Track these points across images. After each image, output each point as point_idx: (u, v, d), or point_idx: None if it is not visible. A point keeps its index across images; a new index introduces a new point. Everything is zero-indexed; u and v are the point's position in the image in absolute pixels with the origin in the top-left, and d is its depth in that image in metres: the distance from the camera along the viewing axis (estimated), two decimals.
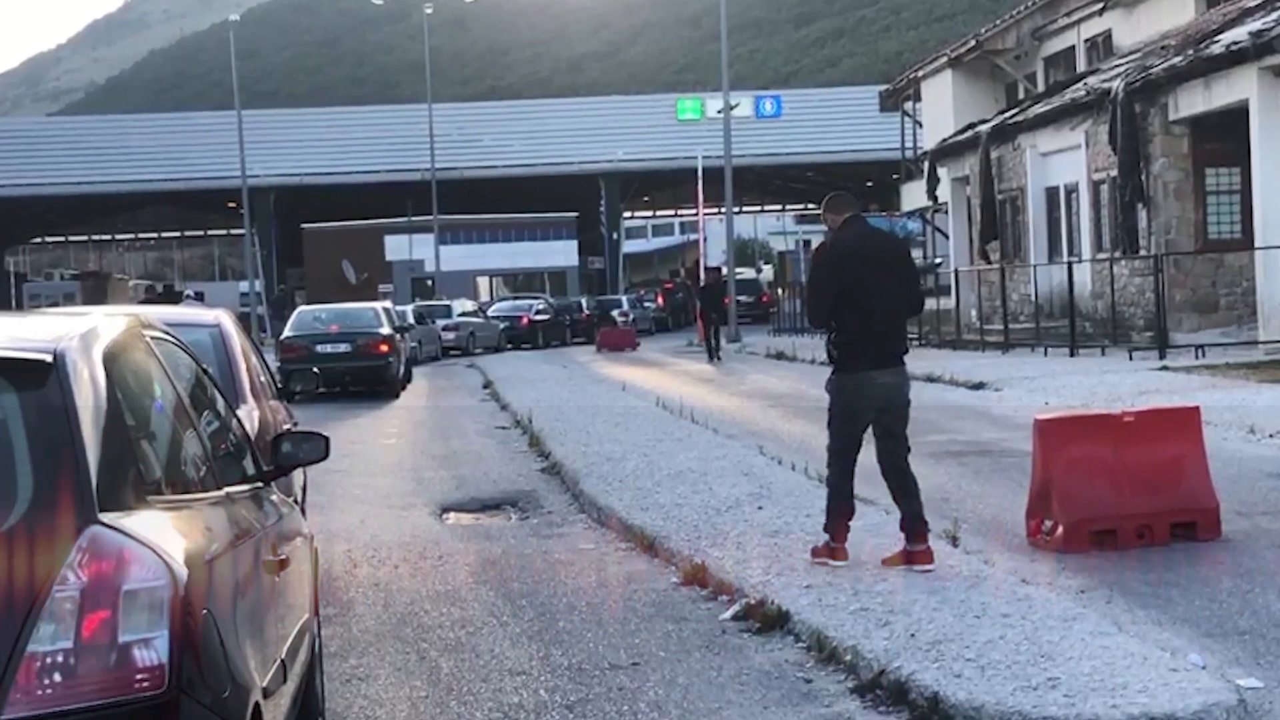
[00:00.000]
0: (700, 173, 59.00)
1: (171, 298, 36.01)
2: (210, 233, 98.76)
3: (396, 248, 73.95)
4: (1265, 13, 25.81)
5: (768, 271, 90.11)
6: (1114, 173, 28.55)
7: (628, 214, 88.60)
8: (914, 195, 46.49)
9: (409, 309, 42.82)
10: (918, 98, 47.25)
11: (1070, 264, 28.63)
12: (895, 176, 54.61)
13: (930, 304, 27.50)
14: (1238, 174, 27.23)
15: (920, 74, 45.93)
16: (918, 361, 16.06)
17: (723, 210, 50.24)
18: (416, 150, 68.80)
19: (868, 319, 8.84)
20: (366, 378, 27.69)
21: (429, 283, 67.02)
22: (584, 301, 60.29)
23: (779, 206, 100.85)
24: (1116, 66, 31.57)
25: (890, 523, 9.46)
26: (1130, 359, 24.48)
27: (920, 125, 47.33)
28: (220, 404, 5.41)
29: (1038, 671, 6.41)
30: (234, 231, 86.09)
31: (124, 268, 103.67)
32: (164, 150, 73.60)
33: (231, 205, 72.93)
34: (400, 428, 21.64)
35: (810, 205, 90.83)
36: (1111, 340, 26.67)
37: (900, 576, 8.50)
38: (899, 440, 8.98)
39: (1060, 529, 9.54)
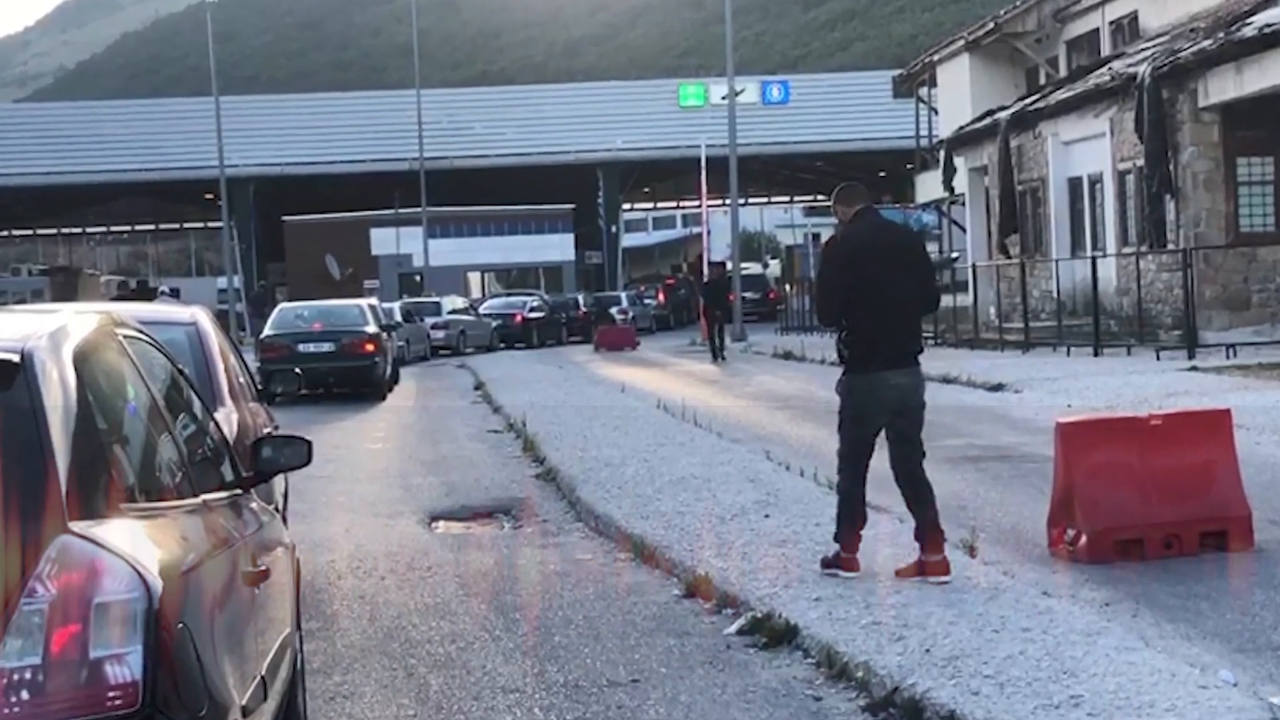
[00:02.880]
0: (704, 162, 58.92)
1: (145, 294, 35.92)
2: (186, 225, 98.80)
3: (383, 241, 73.88)
4: None
5: (775, 267, 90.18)
6: (1140, 162, 28.57)
7: (627, 206, 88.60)
8: (929, 186, 46.50)
9: (396, 306, 42.83)
10: (933, 83, 47.27)
11: (1094, 259, 28.64)
12: (909, 166, 54.63)
13: (946, 301, 27.49)
14: (1271, 164, 27.26)
15: (936, 58, 45.94)
16: (933, 361, 16.05)
17: (727, 202, 50.24)
18: (404, 139, 68.76)
19: (880, 317, 8.84)
20: (351, 379, 27.70)
21: (417, 278, 66.99)
22: (581, 298, 60.26)
23: (787, 198, 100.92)
24: (1143, 50, 31.59)
25: (904, 532, 9.46)
26: (1157, 359, 24.50)
27: (936, 112, 47.36)
28: (197, 406, 5.41)
29: (1060, 689, 6.41)
30: (211, 224, 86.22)
31: (95, 262, 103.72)
32: (138, 139, 73.55)
33: (209, 196, 72.95)
34: (387, 431, 21.65)
35: (820, 197, 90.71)
36: (1138, 339, 26.69)
37: (915, 588, 8.50)
38: (913, 445, 8.99)
39: (1083, 538, 9.54)
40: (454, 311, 49.50)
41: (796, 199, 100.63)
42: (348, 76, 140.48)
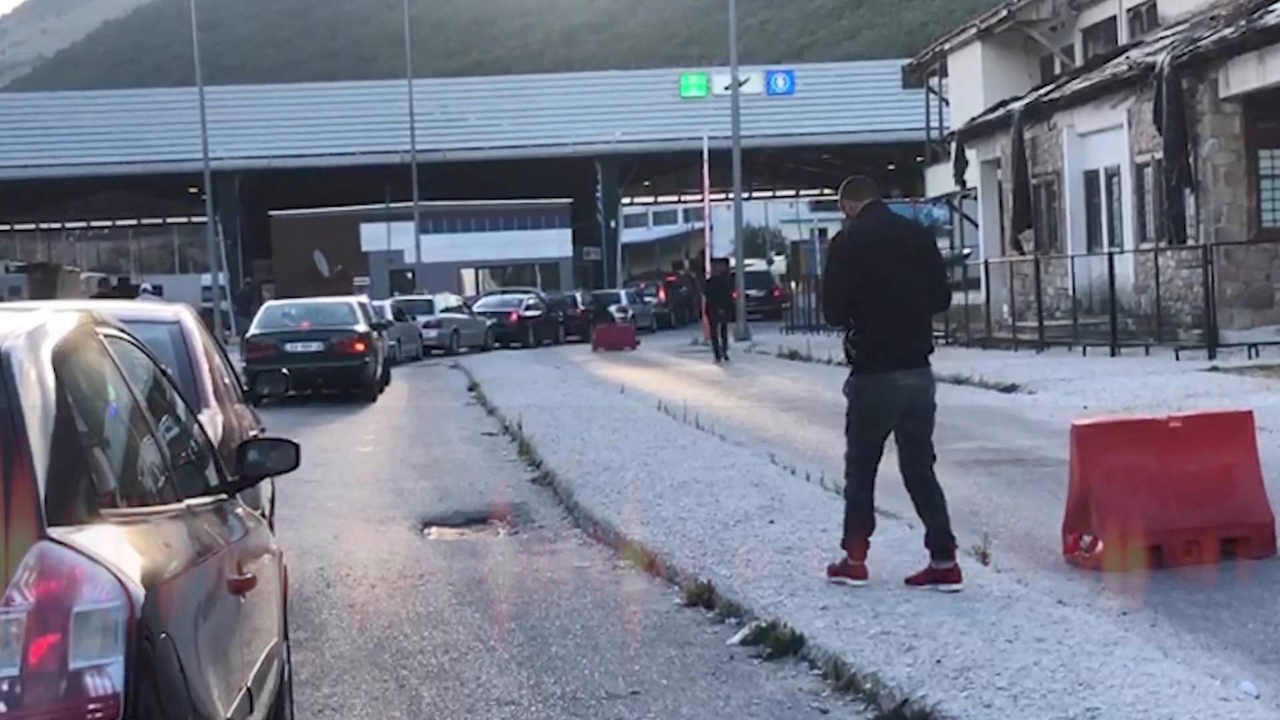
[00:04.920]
0: (706, 155, 58.89)
1: (127, 292, 35.90)
2: (169, 220, 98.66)
3: (373, 237, 73.86)
4: None
5: (780, 263, 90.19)
6: (1159, 155, 28.56)
7: (627, 200, 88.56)
8: (940, 179, 46.50)
9: (387, 304, 42.85)
10: (944, 73, 47.27)
11: (1111, 255, 28.65)
12: (919, 159, 54.64)
13: (958, 298, 27.50)
14: None
15: (947, 47, 45.95)
16: (944, 361, 16.07)
17: (730, 196, 50.25)
18: (395, 130, 68.74)
19: (889, 315, 8.83)
20: (341, 379, 27.73)
21: (409, 275, 66.98)
22: (579, 296, 60.31)
23: (792, 192, 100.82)
24: (1162, 39, 31.59)
25: (914, 538, 9.46)
26: (1177, 359, 24.51)
27: (947, 103, 47.34)
28: (180, 408, 5.41)
29: (1075, 701, 6.41)
30: (195, 219, 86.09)
31: (75, 259, 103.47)
32: (119, 130, 73.51)
33: (193, 190, 72.88)
34: (378, 434, 21.67)
35: (826, 190, 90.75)
36: (1156, 338, 26.70)
37: (925, 597, 8.50)
38: (923, 448, 8.98)
39: (1100, 545, 9.54)
40: (447, 310, 49.52)
41: (802, 193, 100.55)
42: (337, 66, 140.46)
